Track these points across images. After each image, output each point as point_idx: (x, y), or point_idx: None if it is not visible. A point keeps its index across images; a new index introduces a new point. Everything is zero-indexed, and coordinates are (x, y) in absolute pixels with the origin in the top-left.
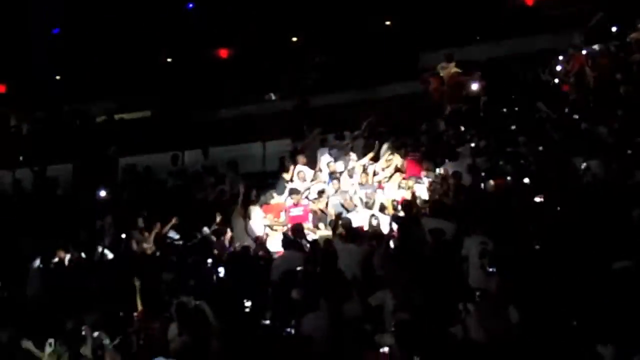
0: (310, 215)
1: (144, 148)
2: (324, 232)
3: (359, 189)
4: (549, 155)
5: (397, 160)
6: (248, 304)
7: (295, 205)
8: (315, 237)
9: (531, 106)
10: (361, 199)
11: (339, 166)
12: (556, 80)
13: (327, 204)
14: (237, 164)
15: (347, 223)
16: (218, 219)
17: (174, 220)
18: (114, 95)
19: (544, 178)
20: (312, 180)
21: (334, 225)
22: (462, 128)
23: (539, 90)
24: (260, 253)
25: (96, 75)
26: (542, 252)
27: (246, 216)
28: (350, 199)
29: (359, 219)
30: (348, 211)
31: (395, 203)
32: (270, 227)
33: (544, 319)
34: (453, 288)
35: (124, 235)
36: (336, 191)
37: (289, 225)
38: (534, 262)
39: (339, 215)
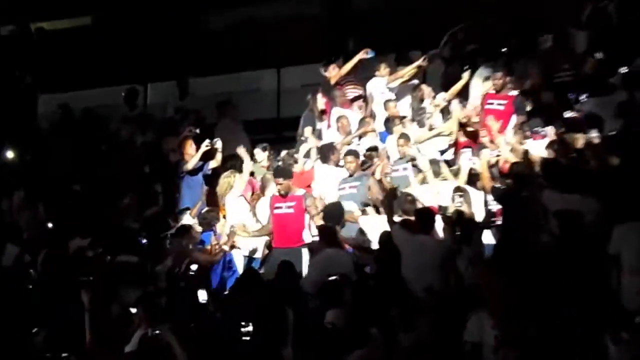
0: (307, 218)
1: (80, 79)
2: (371, 216)
3: (433, 145)
4: None
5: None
6: (247, 329)
7: (283, 198)
8: (367, 226)
9: None
10: (437, 163)
11: (402, 108)
12: None
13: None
14: (233, 105)
15: (413, 201)
16: (203, 198)
17: (128, 200)
18: None
19: None
20: (358, 133)
21: (388, 204)
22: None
23: None
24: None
25: None
26: None
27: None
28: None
29: (431, 195)
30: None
31: (495, 169)
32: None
33: None
34: (594, 309)
35: (50, 225)
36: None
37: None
38: None
39: (393, 191)
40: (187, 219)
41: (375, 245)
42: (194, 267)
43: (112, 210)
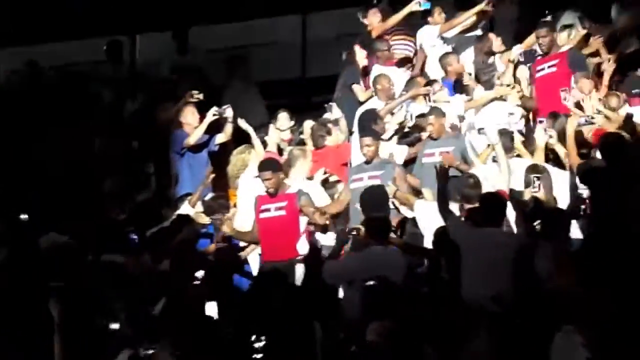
0: (303, 220)
1: (50, 28)
2: (429, 203)
3: (503, 112)
4: None
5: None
6: (260, 343)
7: (271, 198)
8: (423, 215)
9: None
10: (508, 135)
11: (467, 64)
12: None
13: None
14: (246, 62)
15: (476, 185)
16: (208, 180)
17: (111, 184)
18: None
19: None
20: (407, 97)
21: (442, 188)
22: None
23: None
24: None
25: None
26: None
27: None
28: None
29: (501, 177)
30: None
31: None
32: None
33: None
34: None
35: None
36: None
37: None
38: None
39: (445, 171)
40: (186, 208)
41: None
42: (200, 273)
43: (92, 197)
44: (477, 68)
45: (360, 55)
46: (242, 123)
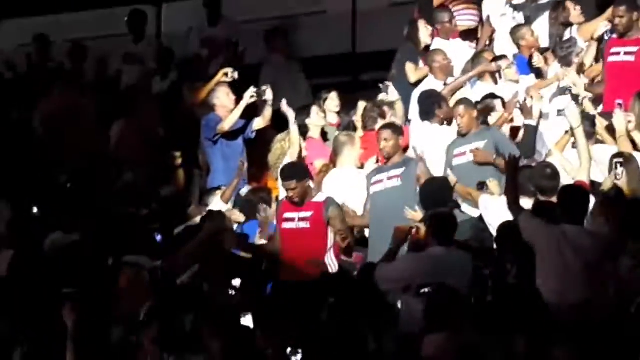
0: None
1: None
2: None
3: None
4: None
5: None
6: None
7: (296, 207)
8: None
9: None
10: (590, 118)
11: (541, 37)
12: None
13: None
14: (288, 36)
15: (554, 175)
16: (242, 171)
17: (132, 176)
18: None
19: None
20: (473, 74)
21: (511, 179)
22: None
23: None
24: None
25: None
26: None
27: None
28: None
29: (580, 167)
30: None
31: None
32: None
33: None
34: None
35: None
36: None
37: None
38: None
39: (516, 161)
40: (219, 204)
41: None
42: (236, 282)
43: (110, 190)
44: (553, 42)
45: (424, 33)
46: (284, 105)
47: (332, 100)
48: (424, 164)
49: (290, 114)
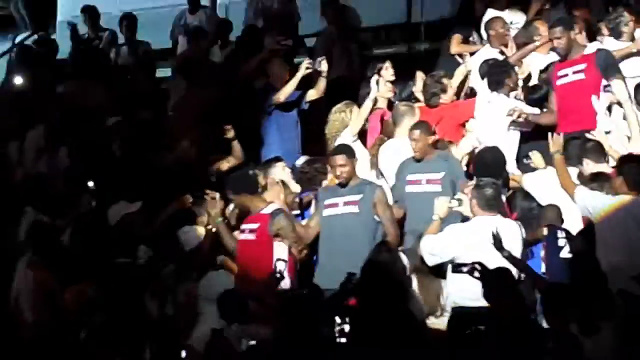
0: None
1: None
2: (541, 174)
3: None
4: None
5: None
6: None
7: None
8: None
9: None
10: None
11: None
12: None
13: None
14: (340, 5)
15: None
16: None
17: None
18: None
19: None
20: (538, 45)
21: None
22: None
23: None
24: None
25: None
26: None
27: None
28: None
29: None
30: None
31: None
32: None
33: None
34: None
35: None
36: None
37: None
38: None
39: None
40: (279, 173)
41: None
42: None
43: (165, 158)
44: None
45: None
46: (373, 82)
47: (387, 71)
48: (381, 191)
49: (374, 87)
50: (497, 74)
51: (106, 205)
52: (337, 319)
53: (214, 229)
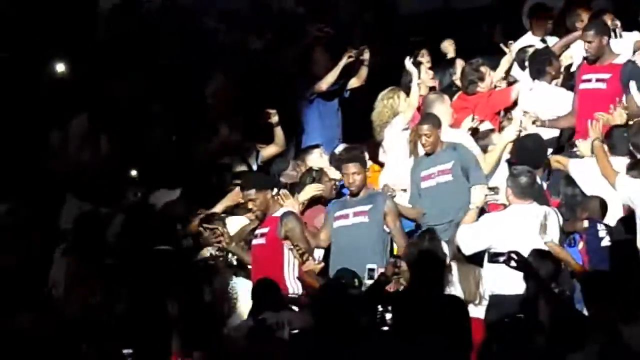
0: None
1: None
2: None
3: None
4: None
5: None
6: None
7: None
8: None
9: None
10: None
11: None
12: None
13: None
14: None
15: None
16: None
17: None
18: None
19: None
20: None
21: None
22: None
23: None
24: None
25: None
26: None
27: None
28: None
29: None
30: None
31: None
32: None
33: None
34: None
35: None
36: None
37: None
38: None
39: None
40: (317, 160)
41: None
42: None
43: (206, 145)
44: None
45: None
46: (411, 66)
47: (424, 57)
48: (391, 201)
49: (414, 71)
50: (539, 62)
51: (149, 194)
52: (379, 307)
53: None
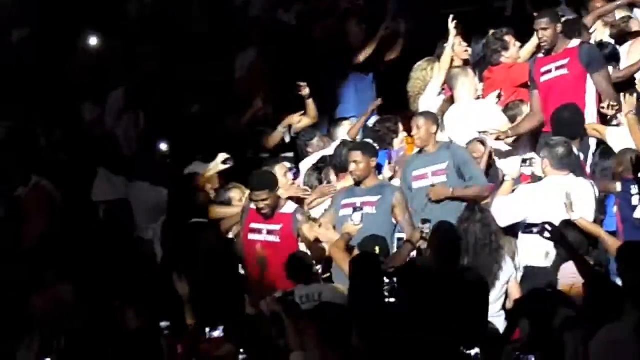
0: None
1: None
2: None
3: None
4: None
5: None
6: None
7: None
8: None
9: None
10: None
11: None
12: None
13: None
14: None
15: None
16: (374, 105)
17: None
18: None
19: None
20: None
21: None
22: None
23: None
24: None
25: None
26: None
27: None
28: None
29: None
30: None
31: None
32: None
33: None
34: None
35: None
36: None
37: None
38: None
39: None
40: (344, 134)
41: None
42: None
43: (239, 117)
44: None
45: None
46: (450, 22)
47: (455, 29)
48: (400, 193)
49: (453, 32)
50: (571, 29)
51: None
52: (386, 279)
53: None
